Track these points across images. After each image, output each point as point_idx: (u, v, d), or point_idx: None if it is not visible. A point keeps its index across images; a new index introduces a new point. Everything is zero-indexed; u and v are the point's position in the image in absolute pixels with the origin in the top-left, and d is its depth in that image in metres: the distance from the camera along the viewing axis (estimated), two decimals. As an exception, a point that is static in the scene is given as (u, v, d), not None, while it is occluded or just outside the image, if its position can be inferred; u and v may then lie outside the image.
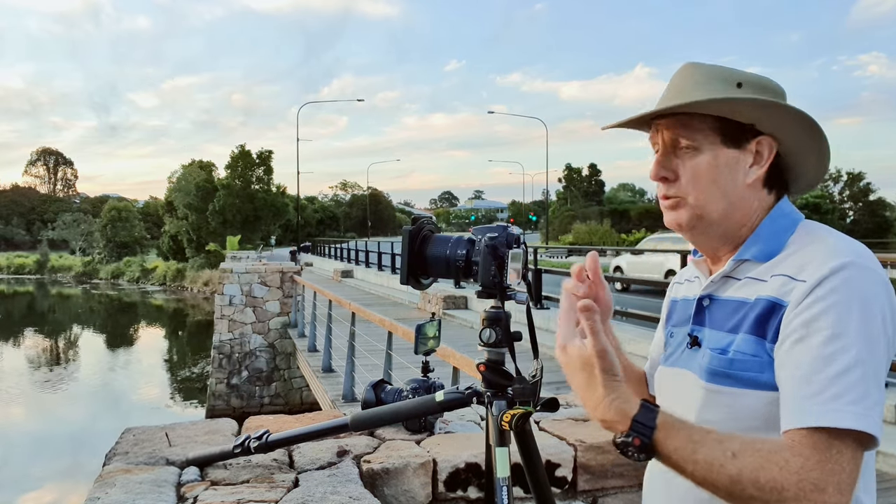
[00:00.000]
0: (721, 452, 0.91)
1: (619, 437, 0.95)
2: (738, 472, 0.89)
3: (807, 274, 0.99)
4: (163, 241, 56.50)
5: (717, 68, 1.12)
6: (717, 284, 1.14)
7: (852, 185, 57.08)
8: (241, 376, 17.28)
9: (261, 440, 1.86)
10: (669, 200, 1.13)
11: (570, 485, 2.22)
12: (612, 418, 0.95)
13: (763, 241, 1.10)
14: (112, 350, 28.82)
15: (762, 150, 1.11)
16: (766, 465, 0.89)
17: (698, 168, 1.10)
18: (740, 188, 1.10)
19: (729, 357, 1.05)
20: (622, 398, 0.95)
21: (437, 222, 1.54)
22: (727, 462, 0.90)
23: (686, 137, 1.10)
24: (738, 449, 0.90)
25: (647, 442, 0.93)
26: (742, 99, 1.07)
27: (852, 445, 0.90)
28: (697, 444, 0.92)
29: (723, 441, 0.92)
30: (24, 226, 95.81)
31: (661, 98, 1.14)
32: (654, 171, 1.13)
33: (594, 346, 0.96)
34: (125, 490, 1.75)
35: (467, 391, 1.51)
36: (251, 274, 17.67)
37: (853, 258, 0.99)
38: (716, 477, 0.90)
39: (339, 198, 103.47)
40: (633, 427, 0.93)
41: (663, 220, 1.17)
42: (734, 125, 1.09)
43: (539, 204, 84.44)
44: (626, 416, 0.94)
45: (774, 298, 1.02)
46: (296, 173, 39.99)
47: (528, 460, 1.40)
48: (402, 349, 7.85)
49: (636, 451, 0.93)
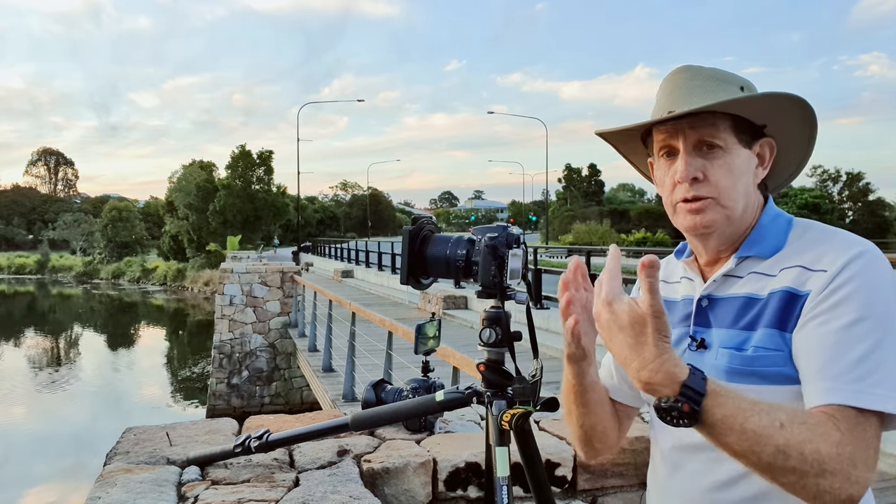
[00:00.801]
0: (770, 422, 0.90)
1: (664, 401, 0.91)
2: (786, 442, 0.89)
3: (825, 264, 1.02)
4: (163, 241, 56.53)
5: (719, 72, 1.13)
6: (718, 283, 1.14)
7: (851, 185, 57.09)
8: (241, 376, 17.29)
9: (261, 440, 1.86)
10: (698, 202, 1.10)
11: (569, 484, 2.22)
12: (659, 381, 0.91)
13: (767, 238, 1.11)
14: (113, 350, 28.83)
15: (764, 153, 1.14)
16: (813, 437, 0.90)
17: (728, 167, 1.09)
18: (752, 188, 1.13)
19: (749, 354, 1.06)
20: (672, 361, 0.92)
21: (437, 222, 1.54)
22: (776, 432, 0.89)
23: (715, 137, 1.09)
24: (785, 420, 0.91)
25: (696, 409, 0.90)
26: (773, 94, 1.08)
27: (875, 424, 0.93)
28: (747, 412, 0.90)
29: (771, 411, 0.91)
30: (24, 226, 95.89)
31: (668, 100, 1.13)
32: (685, 172, 1.09)
33: (652, 304, 0.91)
34: (126, 489, 1.76)
35: (467, 391, 1.51)
36: (251, 274, 17.68)
37: (867, 247, 1.02)
38: (762, 447, 0.89)
39: (340, 198, 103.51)
40: (682, 392, 0.90)
41: (680, 222, 1.13)
42: (747, 126, 1.11)
43: (539, 204, 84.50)
44: (676, 380, 0.90)
45: (792, 289, 1.04)
46: (296, 173, 39.97)
47: (528, 460, 1.40)
48: (402, 349, 7.86)
49: (683, 416, 0.90)
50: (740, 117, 1.10)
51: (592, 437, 1.24)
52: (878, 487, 4.51)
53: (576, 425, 1.23)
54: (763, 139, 1.13)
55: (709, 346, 1.13)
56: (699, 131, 1.09)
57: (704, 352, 1.13)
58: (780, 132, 1.13)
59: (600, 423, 1.23)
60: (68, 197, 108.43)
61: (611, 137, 1.24)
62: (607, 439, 1.26)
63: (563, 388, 1.21)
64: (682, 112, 1.08)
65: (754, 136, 1.12)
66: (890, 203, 58.17)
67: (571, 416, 1.22)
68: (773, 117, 1.11)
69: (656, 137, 1.15)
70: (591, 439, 1.24)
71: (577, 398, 1.18)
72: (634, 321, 0.93)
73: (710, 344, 1.13)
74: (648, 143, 1.19)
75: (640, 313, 0.92)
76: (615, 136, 1.23)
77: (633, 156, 1.28)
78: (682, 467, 1.16)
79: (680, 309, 1.20)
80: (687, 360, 1.15)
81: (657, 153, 1.16)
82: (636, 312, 0.93)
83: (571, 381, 1.16)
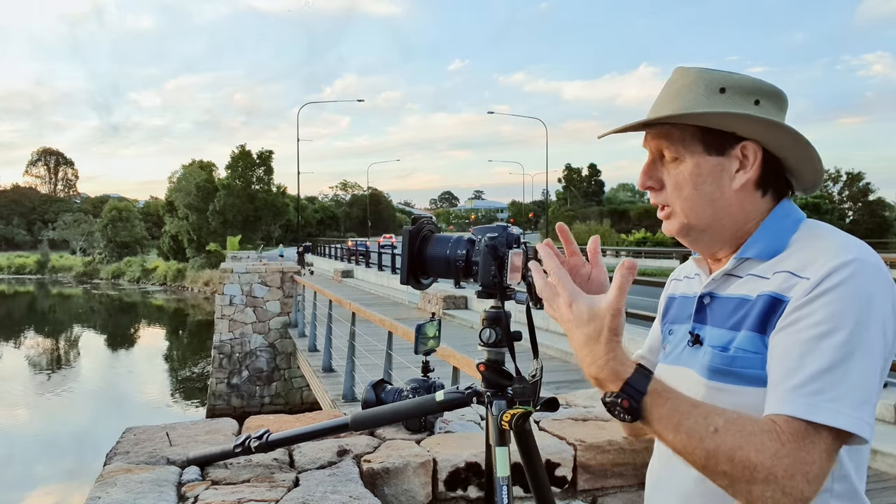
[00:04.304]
0: (704, 426, 0.93)
1: (608, 395, 0.98)
2: (716, 447, 0.92)
3: (810, 271, 1.00)
4: (163, 241, 56.56)
5: (703, 73, 1.11)
6: (718, 282, 1.14)
7: (851, 185, 57.08)
8: (241, 376, 17.29)
9: (261, 440, 1.86)
10: (664, 210, 1.15)
11: (569, 484, 2.22)
12: (605, 377, 0.97)
13: (765, 240, 1.10)
14: (113, 350, 28.85)
15: (748, 155, 1.10)
16: (745, 444, 0.91)
17: (680, 177, 1.11)
18: (728, 194, 1.10)
19: (730, 354, 1.06)
20: (618, 359, 0.97)
21: (437, 222, 1.54)
22: (707, 436, 0.93)
23: (668, 149, 1.12)
24: (720, 425, 0.93)
25: (636, 406, 0.95)
26: (710, 113, 1.07)
27: (828, 439, 0.92)
28: (683, 415, 0.94)
29: (708, 416, 0.94)
30: (24, 226, 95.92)
31: (652, 105, 1.15)
32: (640, 181, 1.16)
33: (615, 303, 0.97)
34: (126, 489, 1.76)
35: (467, 391, 1.51)
36: (251, 274, 17.68)
37: (858, 255, 0.99)
38: (694, 449, 0.93)
39: (340, 198, 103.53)
40: (623, 389, 0.96)
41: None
42: (715, 133, 1.09)
43: (539, 204, 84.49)
44: (620, 378, 0.96)
45: (776, 294, 1.03)
46: (297, 173, 39.97)
47: (528, 460, 1.40)
48: (402, 349, 7.86)
49: (623, 412, 0.96)
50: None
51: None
52: (878, 487, 4.50)
53: None
54: (745, 141, 1.10)
55: (702, 342, 1.14)
56: (657, 141, 1.14)
57: (699, 348, 1.14)
58: (759, 136, 1.09)
59: None
60: (68, 197, 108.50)
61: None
62: None
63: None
64: (634, 123, 1.12)
65: (730, 140, 1.09)
66: (890, 203, 58.17)
67: None
68: (738, 126, 1.08)
69: (643, 141, 1.18)
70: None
71: None
72: (593, 317, 0.98)
73: (703, 340, 1.14)
74: None
75: (599, 310, 0.98)
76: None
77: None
78: (674, 456, 1.16)
79: (691, 305, 1.21)
80: (685, 356, 1.17)
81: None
82: (596, 308, 0.98)
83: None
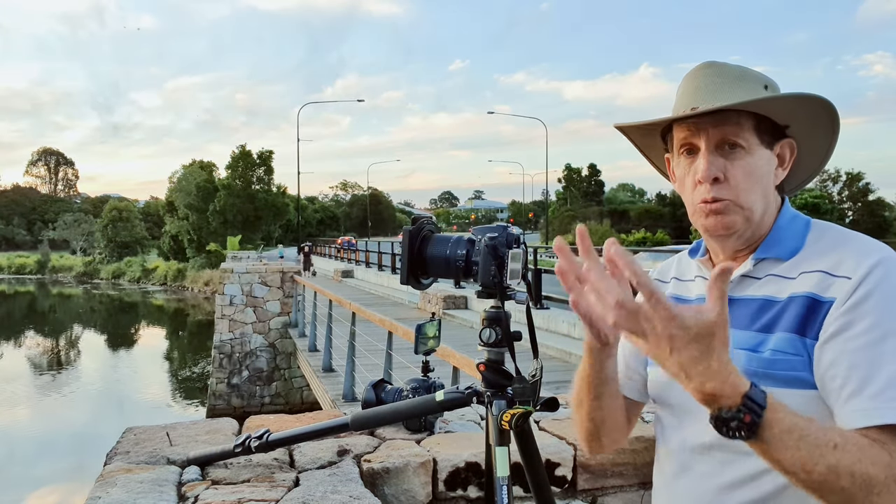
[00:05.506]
0: (824, 442, 0.89)
1: (725, 411, 0.88)
2: (837, 462, 0.89)
3: (846, 269, 1.01)
4: (163, 241, 56.56)
5: (743, 68, 1.12)
6: (735, 284, 1.12)
7: (851, 185, 57.07)
8: (241, 376, 17.29)
9: (261, 440, 1.86)
10: (717, 203, 1.08)
11: (569, 484, 2.22)
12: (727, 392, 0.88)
13: (784, 240, 1.10)
14: (113, 350, 28.84)
15: (784, 153, 1.12)
16: (863, 458, 0.90)
17: (748, 168, 1.08)
18: (770, 190, 1.11)
19: (766, 357, 1.04)
20: (736, 372, 0.89)
21: (437, 222, 1.54)
22: (828, 452, 0.89)
23: (738, 137, 1.07)
24: (839, 440, 0.90)
25: (757, 421, 0.88)
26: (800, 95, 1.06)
27: None
28: (804, 430, 0.89)
29: (825, 430, 0.91)
30: (25, 226, 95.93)
31: (691, 97, 1.11)
32: (707, 172, 1.07)
33: (721, 314, 0.86)
34: (126, 489, 1.76)
35: (467, 391, 1.51)
36: (251, 274, 17.69)
37: (887, 253, 1.02)
38: (814, 465, 0.89)
39: (340, 198, 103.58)
40: (744, 403, 0.88)
41: (700, 223, 1.11)
42: (769, 126, 1.09)
43: (539, 204, 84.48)
44: (739, 392, 0.88)
45: (813, 295, 1.02)
46: (297, 173, 39.97)
47: (528, 460, 1.41)
48: (402, 349, 7.86)
49: (743, 428, 0.88)
50: (763, 117, 1.08)
51: (601, 432, 1.21)
52: (878, 487, 4.45)
53: (585, 418, 1.20)
54: (784, 140, 1.11)
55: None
56: (722, 130, 1.07)
57: None
58: (802, 133, 1.12)
59: (610, 417, 1.20)
60: (68, 197, 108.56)
61: (630, 132, 1.22)
62: (615, 435, 1.24)
63: (577, 377, 1.17)
64: (706, 109, 1.06)
65: (776, 136, 1.10)
66: (890, 203, 58.17)
67: (582, 409, 1.19)
68: (797, 118, 1.10)
69: (677, 135, 1.12)
70: (599, 434, 1.22)
71: (591, 390, 1.15)
72: (701, 332, 0.87)
73: None
74: (668, 139, 1.17)
75: (707, 323, 0.87)
76: (635, 131, 1.22)
77: (650, 151, 1.26)
78: (690, 468, 1.15)
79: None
80: None
81: (677, 150, 1.13)
82: (703, 322, 0.87)
83: (588, 372, 1.13)
